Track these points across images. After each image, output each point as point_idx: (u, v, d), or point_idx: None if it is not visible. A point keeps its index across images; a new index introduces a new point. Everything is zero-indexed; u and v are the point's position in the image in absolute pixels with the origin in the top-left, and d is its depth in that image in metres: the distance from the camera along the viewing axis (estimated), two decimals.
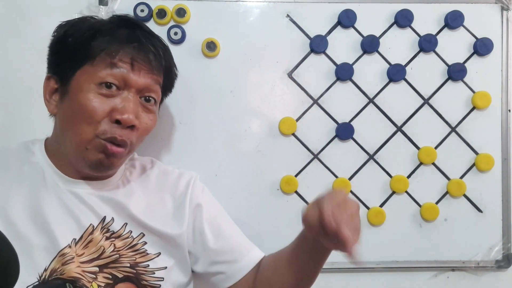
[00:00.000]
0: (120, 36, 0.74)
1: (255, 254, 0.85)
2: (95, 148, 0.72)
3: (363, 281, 1.03)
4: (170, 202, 0.83)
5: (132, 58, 0.74)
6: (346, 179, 1.00)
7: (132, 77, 0.73)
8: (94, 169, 0.74)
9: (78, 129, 0.72)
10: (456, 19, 1.00)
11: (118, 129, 0.72)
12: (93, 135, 0.72)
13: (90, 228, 0.75)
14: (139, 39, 0.75)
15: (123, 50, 0.73)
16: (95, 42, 0.73)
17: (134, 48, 0.74)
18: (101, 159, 0.73)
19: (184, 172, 0.88)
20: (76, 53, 0.73)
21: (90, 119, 0.71)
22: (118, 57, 0.73)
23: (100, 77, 0.72)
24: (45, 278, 0.70)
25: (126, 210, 0.79)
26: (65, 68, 0.74)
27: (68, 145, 0.74)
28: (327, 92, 1.00)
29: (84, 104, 0.71)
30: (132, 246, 0.78)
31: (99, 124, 0.72)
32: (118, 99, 0.73)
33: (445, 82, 1.01)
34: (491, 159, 1.01)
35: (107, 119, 0.72)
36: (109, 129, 0.72)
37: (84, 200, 0.76)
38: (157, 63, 0.77)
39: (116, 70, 0.72)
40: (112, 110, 0.72)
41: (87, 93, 0.71)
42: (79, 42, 0.73)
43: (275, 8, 0.99)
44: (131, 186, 0.82)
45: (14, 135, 0.97)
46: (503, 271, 1.04)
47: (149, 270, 0.78)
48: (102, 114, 0.72)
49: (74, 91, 0.73)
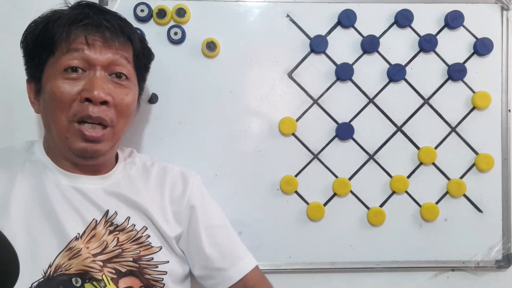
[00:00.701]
0: (70, 18, 0.74)
1: (247, 263, 0.85)
2: (73, 135, 0.72)
3: (363, 281, 1.02)
4: (168, 201, 0.83)
5: (85, 36, 0.73)
6: (346, 179, 1.00)
7: (92, 55, 0.73)
8: (82, 157, 0.75)
9: (54, 119, 0.73)
10: (456, 19, 1.00)
11: (90, 106, 0.72)
12: (67, 121, 0.72)
13: (93, 223, 0.76)
14: (89, 16, 0.74)
15: (75, 31, 0.73)
16: (49, 33, 0.73)
17: (86, 26, 0.73)
18: (84, 147, 0.73)
19: (185, 172, 0.88)
20: (37, 49, 0.75)
21: (61, 104, 0.72)
22: (72, 39, 0.73)
23: (62, 64, 0.73)
24: (50, 274, 0.71)
25: (129, 203, 0.79)
26: (34, 67, 0.76)
27: (54, 139, 0.75)
28: (327, 92, 1.00)
29: (53, 92, 0.72)
30: (136, 239, 0.78)
31: (70, 107, 0.72)
32: (85, 80, 0.73)
33: (445, 82, 1.01)
34: (491, 159, 1.01)
35: (77, 100, 0.72)
36: (80, 109, 0.72)
37: (87, 195, 0.76)
38: (114, 36, 0.75)
39: (74, 53, 0.72)
40: (80, 90, 0.72)
41: (54, 81, 0.72)
42: (37, 38, 0.75)
43: (275, 8, 0.99)
44: (133, 181, 0.83)
45: (14, 135, 0.97)
46: (503, 271, 1.04)
47: (152, 264, 0.78)
48: (71, 96, 0.72)
49: (45, 85, 0.74)
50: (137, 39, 0.81)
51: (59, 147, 0.76)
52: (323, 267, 1.01)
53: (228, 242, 0.85)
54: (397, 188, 1.00)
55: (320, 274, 1.02)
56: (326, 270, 1.01)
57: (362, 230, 1.01)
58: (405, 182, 1.00)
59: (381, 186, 1.01)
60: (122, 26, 0.77)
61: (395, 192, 1.01)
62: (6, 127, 0.97)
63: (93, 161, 0.77)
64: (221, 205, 0.92)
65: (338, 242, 1.01)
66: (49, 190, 0.75)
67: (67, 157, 0.77)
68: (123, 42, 0.77)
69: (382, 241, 1.01)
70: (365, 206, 1.01)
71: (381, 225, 1.01)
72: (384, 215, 1.00)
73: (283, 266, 1.00)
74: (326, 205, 1.00)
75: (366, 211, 1.01)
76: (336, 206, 1.00)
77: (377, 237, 1.01)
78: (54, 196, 0.74)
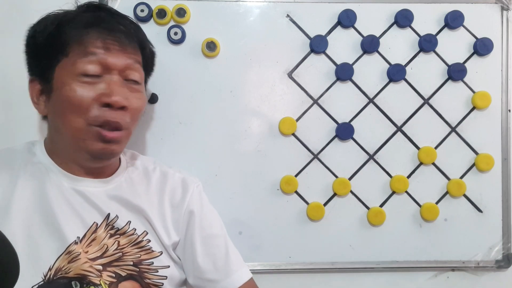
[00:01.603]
0: (85, 20, 0.73)
1: (241, 276, 0.84)
2: (91, 137, 0.72)
3: (363, 281, 1.03)
4: (168, 208, 0.83)
5: (103, 40, 0.73)
6: (346, 179, 1.00)
7: (110, 59, 0.73)
8: (97, 158, 0.75)
9: (70, 121, 0.72)
10: (456, 19, 1.00)
11: (109, 112, 0.72)
12: (85, 124, 0.72)
13: (94, 227, 0.75)
14: (105, 20, 0.74)
15: (92, 34, 0.72)
16: (63, 34, 0.72)
17: (102, 29, 0.73)
18: (102, 148, 0.73)
19: (186, 178, 0.87)
20: (48, 49, 0.73)
21: (79, 109, 0.71)
22: (89, 41, 0.72)
23: (79, 67, 0.71)
24: (50, 277, 0.70)
25: (130, 207, 0.79)
26: (43, 67, 0.74)
27: (65, 141, 0.74)
28: (327, 92, 1.00)
29: (70, 96, 0.71)
30: (137, 243, 0.78)
31: (89, 111, 0.71)
32: (102, 83, 0.72)
33: (445, 82, 1.01)
34: (491, 159, 1.01)
35: (96, 105, 0.71)
36: (99, 114, 0.71)
37: (89, 198, 0.76)
38: (129, 41, 0.75)
39: (91, 56, 0.72)
40: (99, 95, 0.71)
41: (70, 84, 0.71)
42: (48, 38, 0.73)
43: (275, 8, 0.99)
44: (134, 185, 0.82)
45: (14, 135, 0.97)
46: (503, 271, 1.04)
47: (153, 268, 0.78)
48: (90, 100, 0.71)
49: (58, 87, 0.73)
50: (148, 43, 0.82)
51: (69, 149, 0.75)
52: (323, 267, 1.01)
53: (223, 253, 0.85)
54: (397, 188, 1.00)
55: (320, 274, 1.02)
56: (326, 270, 1.01)
57: (362, 230, 1.01)
58: (405, 182, 1.00)
59: (381, 186, 1.01)
60: (135, 30, 0.78)
61: (395, 192, 1.01)
62: (6, 127, 0.97)
63: (106, 162, 0.77)
64: (221, 205, 0.92)
65: (338, 242, 1.01)
66: (51, 192, 0.74)
67: (75, 158, 0.76)
68: (136, 46, 0.78)
69: (382, 241, 1.01)
70: (365, 206, 1.01)
71: (381, 225, 1.01)
72: (384, 215, 1.00)
73: (283, 266, 1.00)
74: (326, 205, 1.00)
75: (366, 211, 1.01)
76: (336, 206, 1.00)
77: (377, 237, 1.01)
78: (55, 199, 0.74)
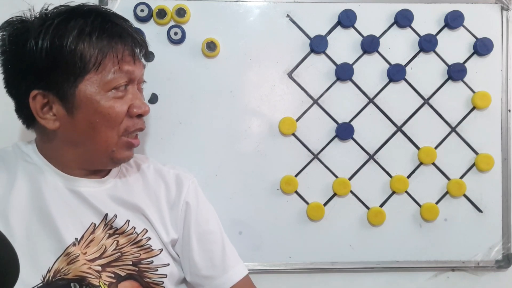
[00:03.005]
0: (111, 33, 0.72)
1: (237, 272, 0.85)
2: (121, 147, 0.76)
3: (363, 281, 1.03)
4: (165, 205, 0.83)
5: (131, 53, 0.75)
6: (346, 179, 1.00)
7: (136, 71, 0.76)
8: (119, 163, 0.80)
9: (104, 137, 0.73)
10: (456, 19, 1.00)
11: (137, 121, 0.77)
12: (118, 136, 0.75)
13: (92, 227, 0.75)
14: (128, 32, 0.75)
15: (117, 47, 0.72)
16: (90, 49, 0.69)
17: (128, 43, 0.74)
18: (129, 155, 0.78)
19: (181, 175, 0.87)
20: (71, 65, 0.69)
21: (114, 124, 0.73)
22: (120, 57, 0.72)
23: (111, 83, 0.72)
24: (48, 279, 0.70)
25: (128, 205, 0.79)
26: (60, 82, 0.70)
27: (88, 152, 0.75)
28: (327, 92, 1.00)
29: (107, 113, 0.72)
30: (137, 242, 0.78)
31: (121, 123, 0.74)
32: (129, 95, 0.75)
33: (445, 82, 1.01)
34: (491, 159, 1.01)
35: (127, 116, 0.75)
36: (132, 124, 0.76)
37: (85, 198, 0.76)
38: (140, 50, 0.78)
39: (123, 70, 0.73)
40: (131, 107, 0.75)
41: (105, 101, 0.72)
42: (70, 52, 0.69)
43: (275, 8, 0.99)
44: (129, 183, 0.82)
45: (14, 135, 0.97)
46: (503, 271, 1.04)
47: (152, 267, 0.78)
48: (123, 114, 0.74)
49: (88, 103, 0.71)
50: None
51: (91, 157, 0.75)
52: (323, 267, 1.01)
53: (219, 249, 0.85)
54: (397, 188, 1.00)
55: (320, 274, 1.02)
56: (326, 270, 1.01)
57: (362, 230, 1.01)
58: (405, 182, 1.00)
59: (381, 186, 1.01)
60: (142, 37, 0.80)
61: (395, 192, 1.01)
62: (6, 127, 0.97)
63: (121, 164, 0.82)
64: (221, 205, 0.93)
65: (338, 242, 1.01)
66: (47, 193, 0.74)
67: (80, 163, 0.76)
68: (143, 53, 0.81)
69: (382, 241, 1.01)
70: (365, 206, 1.01)
71: (381, 225, 1.01)
72: (384, 215, 1.00)
73: (283, 266, 1.00)
74: (326, 205, 1.00)
75: (366, 211, 1.01)
76: (336, 206, 1.00)
77: (377, 237, 1.01)
78: (52, 200, 0.74)
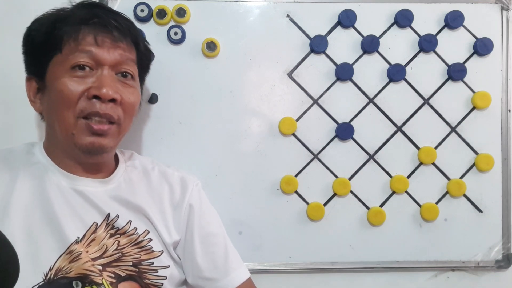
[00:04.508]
0: (80, 17, 0.74)
1: (239, 275, 0.85)
2: (80, 131, 0.73)
3: (363, 281, 1.03)
4: (168, 207, 0.83)
5: (95, 35, 0.74)
6: (346, 179, 1.00)
7: (101, 54, 0.73)
8: (87, 153, 0.74)
9: (60, 116, 0.73)
10: (456, 19, 1.00)
11: (98, 104, 0.72)
12: (74, 117, 0.72)
13: (93, 227, 0.75)
14: (98, 15, 0.75)
15: (83, 29, 0.73)
16: (57, 30, 0.73)
17: (95, 25, 0.74)
18: (91, 141, 0.73)
19: (185, 177, 0.87)
20: (43, 47, 0.74)
21: (68, 102, 0.72)
22: (81, 37, 0.73)
23: (70, 62, 0.73)
24: (50, 277, 0.70)
25: (130, 206, 0.79)
26: (37, 64, 0.76)
27: (58, 137, 0.75)
28: (327, 92, 1.00)
29: (60, 90, 0.72)
30: (138, 242, 0.78)
31: (77, 104, 0.72)
32: (93, 78, 0.73)
33: (445, 82, 1.01)
34: (491, 159, 1.01)
35: (84, 97, 0.72)
36: (87, 106, 0.72)
37: (88, 198, 0.76)
38: (122, 37, 0.76)
39: (83, 51, 0.73)
40: (88, 88, 0.72)
41: (61, 79, 0.72)
42: (43, 35, 0.74)
43: (275, 8, 0.99)
44: (134, 184, 0.82)
45: (14, 135, 0.97)
46: (503, 271, 1.04)
47: (153, 269, 0.78)
48: (78, 93, 0.72)
49: (51, 82, 0.74)
50: (142, 40, 0.82)
51: (63, 145, 0.75)
52: (323, 267, 1.01)
53: (222, 252, 0.85)
54: (397, 188, 1.00)
55: (320, 274, 1.02)
56: (326, 270, 1.01)
57: (362, 230, 1.01)
58: (405, 182, 1.00)
59: (381, 186, 1.01)
60: (129, 27, 0.78)
61: (395, 192, 1.01)
62: (6, 127, 0.97)
63: (98, 157, 0.77)
64: (221, 205, 0.93)
65: (338, 242, 1.01)
66: (51, 192, 0.74)
67: (71, 155, 0.76)
68: (130, 43, 0.78)
69: (382, 241, 1.01)
70: (365, 206, 1.01)
71: (381, 225, 1.01)
72: (384, 215, 1.00)
73: (283, 266, 1.00)
74: (326, 205, 1.00)
75: (366, 211, 1.01)
76: (336, 206, 1.00)
77: (377, 237, 1.01)
78: (55, 199, 0.74)
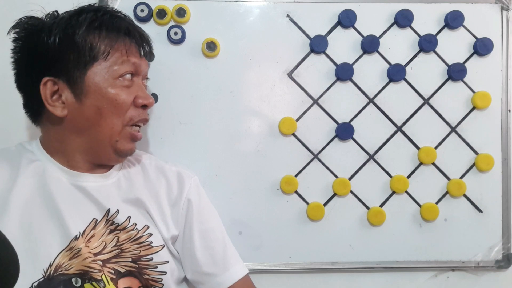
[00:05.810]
0: (119, 26, 0.78)
1: (238, 271, 0.86)
2: (124, 138, 0.78)
3: (363, 281, 1.03)
4: (166, 202, 0.84)
5: (137, 47, 0.80)
6: (346, 179, 1.00)
7: (141, 64, 0.80)
8: (123, 156, 0.80)
9: (109, 124, 0.76)
10: (456, 19, 1.00)
11: (142, 112, 0.80)
12: (122, 125, 0.77)
13: (93, 223, 0.76)
14: (135, 28, 0.81)
15: (127, 41, 0.78)
16: (96, 38, 0.75)
17: (134, 37, 0.80)
18: (132, 148, 0.80)
19: (182, 172, 0.88)
20: (81, 53, 0.74)
21: (120, 111, 0.76)
22: (127, 49, 0.77)
23: (119, 71, 0.76)
24: (50, 274, 0.71)
25: (130, 201, 0.80)
26: (70, 69, 0.74)
27: (93, 141, 0.77)
28: (327, 92, 1.00)
29: (114, 99, 0.75)
30: (137, 238, 0.78)
31: (127, 113, 0.77)
32: (135, 86, 0.79)
33: (445, 82, 1.01)
34: (491, 159, 1.01)
35: (133, 106, 0.78)
36: (137, 114, 0.79)
37: (89, 193, 0.77)
38: (148, 48, 0.83)
39: (130, 61, 0.77)
40: (136, 97, 0.78)
41: (112, 87, 0.75)
42: (76, 40, 0.74)
43: (275, 8, 0.99)
44: (132, 178, 0.83)
45: (14, 135, 0.97)
46: (503, 271, 1.04)
47: (152, 264, 0.78)
48: (130, 103, 0.77)
49: (96, 89, 0.75)
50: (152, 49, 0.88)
51: (94, 148, 0.77)
52: (323, 267, 1.01)
53: (221, 247, 0.86)
54: (397, 188, 1.00)
55: (320, 274, 1.02)
56: (326, 270, 1.01)
57: (362, 230, 1.01)
58: (405, 182, 1.00)
59: (381, 186, 1.01)
60: (148, 38, 0.84)
61: (395, 192, 1.01)
62: (6, 127, 0.97)
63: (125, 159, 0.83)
64: (221, 205, 0.93)
65: (338, 242, 1.01)
66: (53, 188, 0.75)
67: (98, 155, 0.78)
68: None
69: (382, 241, 1.01)
70: (365, 206, 1.01)
71: (381, 225, 1.01)
72: (384, 215, 1.00)
73: (283, 266, 1.00)
74: (326, 205, 1.00)
75: (366, 211, 1.01)
76: (336, 206, 1.00)
77: (377, 237, 1.01)
78: (57, 194, 0.75)
